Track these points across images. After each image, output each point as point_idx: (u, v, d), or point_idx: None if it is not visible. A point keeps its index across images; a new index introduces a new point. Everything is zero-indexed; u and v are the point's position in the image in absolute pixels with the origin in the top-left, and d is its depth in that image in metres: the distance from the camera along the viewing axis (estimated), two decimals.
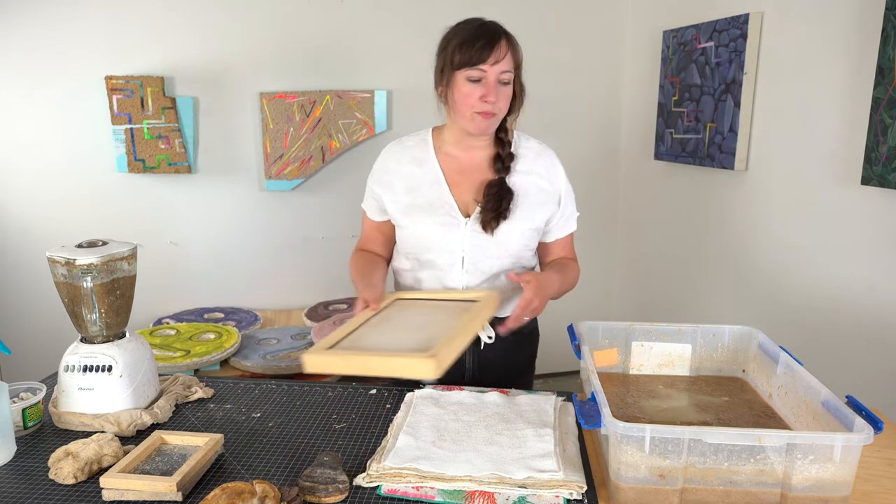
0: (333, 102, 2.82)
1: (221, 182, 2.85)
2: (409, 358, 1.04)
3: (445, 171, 1.44)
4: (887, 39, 1.67)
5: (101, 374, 1.23)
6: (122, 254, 1.24)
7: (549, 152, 1.50)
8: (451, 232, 1.40)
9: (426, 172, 1.44)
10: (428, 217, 1.41)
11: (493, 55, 1.32)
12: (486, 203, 1.39)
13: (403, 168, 1.46)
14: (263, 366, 2.25)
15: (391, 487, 1.02)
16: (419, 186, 1.43)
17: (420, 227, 1.41)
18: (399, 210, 1.44)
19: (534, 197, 1.43)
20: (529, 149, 1.48)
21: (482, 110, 1.34)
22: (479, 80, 1.33)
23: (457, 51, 1.34)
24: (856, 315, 1.90)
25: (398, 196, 1.44)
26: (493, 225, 1.38)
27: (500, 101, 1.35)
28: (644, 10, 2.97)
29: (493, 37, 1.33)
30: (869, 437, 0.91)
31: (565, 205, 1.49)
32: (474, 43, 1.32)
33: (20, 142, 2.62)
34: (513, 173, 1.43)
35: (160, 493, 0.99)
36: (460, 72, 1.34)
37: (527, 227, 1.42)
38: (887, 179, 1.70)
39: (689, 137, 2.57)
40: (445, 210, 1.41)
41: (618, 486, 0.97)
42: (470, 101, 1.34)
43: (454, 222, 1.40)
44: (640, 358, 1.39)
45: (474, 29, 1.35)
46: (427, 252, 1.42)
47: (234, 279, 2.94)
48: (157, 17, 2.65)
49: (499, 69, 1.33)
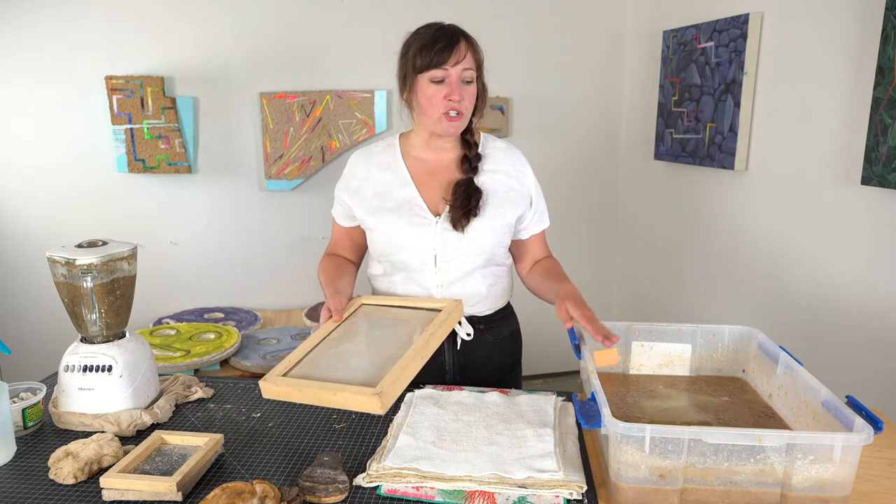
0: (333, 102, 2.82)
1: (221, 182, 2.85)
2: (356, 395, 1.05)
3: (413, 173, 1.46)
4: (887, 39, 1.67)
5: (101, 374, 1.23)
6: (122, 254, 1.24)
7: (516, 152, 1.52)
8: (422, 231, 1.41)
9: (394, 176, 1.46)
10: (397, 217, 1.42)
11: (454, 55, 1.35)
12: (455, 201, 1.40)
13: (372, 173, 1.48)
14: (263, 366, 2.25)
15: (391, 487, 1.02)
16: (388, 190, 1.45)
17: (390, 228, 1.42)
18: (368, 213, 1.45)
19: (503, 195, 1.45)
20: (496, 149, 1.50)
21: (447, 109, 1.37)
22: (443, 81, 1.36)
23: (418, 55, 1.37)
24: (856, 315, 1.90)
25: (367, 201, 1.46)
26: (463, 223, 1.39)
27: (464, 99, 1.38)
28: (644, 10, 2.97)
29: (452, 38, 1.36)
30: (869, 437, 0.91)
31: (536, 202, 1.50)
32: (434, 45, 1.35)
33: (20, 142, 2.62)
34: (481, 173, 1.45)
35: (160, 493, 0.99)
36: (423, 74, 1.37)
37: (498, 223, 1.43)
38: (887, 179, 1.70)
39: (689, 137, 2.57)
40: (415, 210, 1.42)
41: (618, 486, 0.97)
42: (435, 101, 1.37)
43: (424, 222, 1.41)
44: (640, 358, 1.39)
45: (433, 32, 1.39)
46: (398, 253, 1.43)
47: (234, 279, 2.94)
48: (157, 17, 2.65)
49: (460, 68, 1.36)
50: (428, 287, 1.44)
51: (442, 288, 1.44)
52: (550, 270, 1.49)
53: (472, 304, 1.46)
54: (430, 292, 1.44)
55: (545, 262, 1.53)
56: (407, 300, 1.43)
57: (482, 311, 1.48)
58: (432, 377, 1.44)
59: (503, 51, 2.95)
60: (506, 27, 2.96)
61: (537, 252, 1.55)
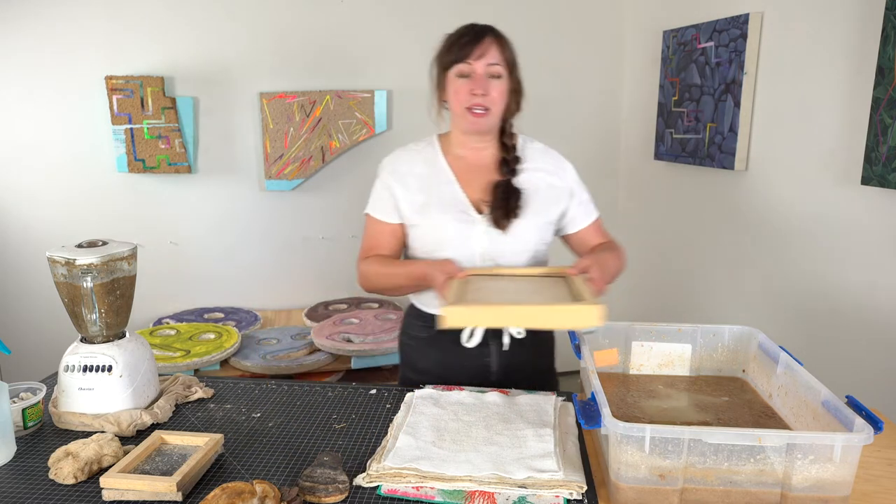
0: (333, 102, 2.82)
1: (221, 182, 2.85)
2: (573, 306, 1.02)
3: (455, 170, 1.46)
4: (887, 39, 1.67)
5: (101, 374, 1.23)
6: (122, 254, 1.24)
7: (553, 151, 1.54)
8: (467, 229, 1.41)
9: (437, 172, 1.46)
10: (443, 214, 1.42)
11: (478, 49, 1.36)
12: (495, 202, 1.41)
13: (415, 169, 1.47)
14: (263, 366, 2.25)
15: (391, 487, 1.02)
16: (431, 186, 1.45)
17: (436, 225, 1.42)
18: (414, 209, 1.44)
19: (545, 192, 1.46)
20: (535, 149, 1.51)
21: (472, 104, 1.37)
22: (468, 76, 1.37)
23: (445, 52, 1.40)
24: (856, 315, 1.90)
25: (412, 195, 1.45)
26: (504, 223, 1.40)
27: (490, 92, 1.37)
28: (644, 10, 2.97)
29: (477, 34, 1.38)
30: (869, 437, 0.91)
31: (579, 193, 1.51)
32: (459, 40, 1.38)
33: (20, 142, 2.62)
34: (520, 172, 1.45)
35: (160, 493, 0.99)
36: (450, 70, 1.39)
37: (541, 221, 1.44)
38: (887, 179, 1.70)
39: (689, 137, 2.57)
40: (460, 207, 1.42)
41: (618, 486, 0.97)
42: (460, 96, 1.38)
43: (469, 219, 1.41)
44: (640, 358, 1.38)
45: (462, 30, 1.41)
46: (444, 250, 1.42)
47: (234, 279, 2.94)
48: (157, 17, 2.65)
49: (485, 63, 1.36)
50: None
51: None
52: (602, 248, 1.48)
53: None
54: None
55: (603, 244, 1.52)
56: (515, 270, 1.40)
57: None
58: (477, 378, 1.44)
59: None
60: (506, 27, 2.95)
61: (590, 240, 1.54)
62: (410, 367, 1.57)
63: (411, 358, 1.57)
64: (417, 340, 1.53)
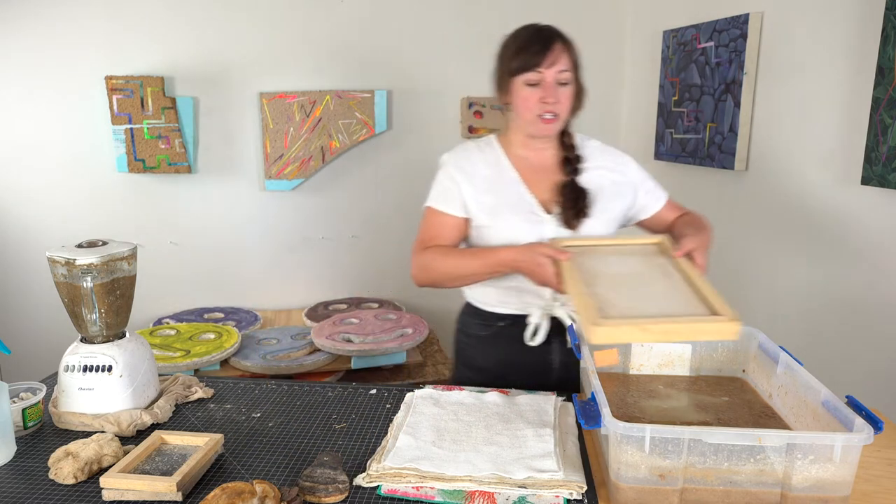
0: (333, 102, 2.82)
1: (221, 182, 2.85)
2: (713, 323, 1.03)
3: (520, 170, 1.46)
4: (887, 39, 1.67)
5: (101, 374, 1.23)
6: (122, 254, 1.24)
7: (611, 148, 1.55)
8: (537, 229, 1.41)
9: (501, 173, 1.46)
10: (514, 216, 1.42)
11: (549, 58, 1.35)
12: (565, 203, 1.42)
13: (479, 169, 1.46)
14: (263, 366, 2.25)
15: (391, 487, 1.02)
16: (497, 187, 1.44)
17: (508, 227, 1.42)
18: (483, 210, 1.43)
19: (608, 189, 1.47)
20: (593, 147, 1.52)
21: (542, 112, 1.37)
22: (538, 84, 1.37)
23: (513, 57, 1.39)
24: (856, 315, 1.90)
25: (481, 195, 1.44)
26: (575, 223, 1.41)
27: (560, 100, 1.38)
28: (644, 10, 2.97)
29: (547, 40, 1.37)
30: (869, 437, 0.91)
31: (644, 183, 1.52)
32: (529, 48, 1.37)
33: (20, 142, 2.62)
34: (583, 171, 1.46)
35: (160, 493, 0.99)
36: (518, 77, 1.38)
37: (608, 218, 1.46)
38: (887, 179, 1.70)
39: (689, 137, 2.57)
40: (529, 208, 1.43)
41: (618, 486, 0.97)
42: (530, 104, 1.38)
43: (538, 220, 1.42)
44: (640, 358, 1.38)
45: (529, 34, 1.40)
46: None
47: (234, 279, 2.94)
48: (157, 17, 2.65)
49: (555, 71, 1.36)
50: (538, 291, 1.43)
51: None
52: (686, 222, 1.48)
53: None
54: (542, 290, 1.42)
55: (683, 217, 1.53)
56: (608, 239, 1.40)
57: None
58: (537, 376, 1.44)
59: None
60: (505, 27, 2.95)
61: (669, 216, 1.55)
62: (467, 366, 1.57)
63: (469, 356, 1.57)
64: (476, 339, 1.54)
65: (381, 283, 3.10)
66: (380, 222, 3.03)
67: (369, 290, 3.09)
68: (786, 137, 2.13)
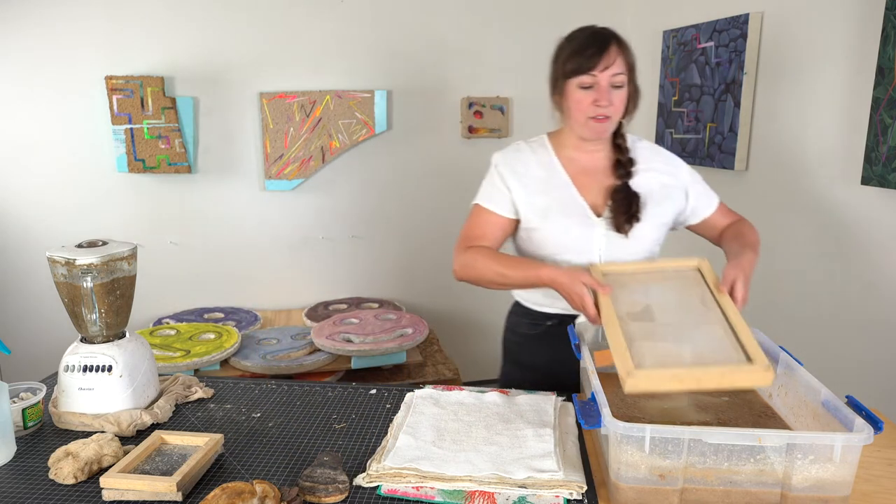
0: (333, 102, 2.82)
1: (221, 182, 2.85)
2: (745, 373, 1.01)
3: (570, 172, 1.46)
4: (887, 39, 1.67)
5: (101, 374, 1.23)
6: (122, 254, 1.24)
7: (662, 149, 1.54)
8: (588, 232, 1.42)
9: (552, 175, 1.46)
10: (565, 218, 1.42)
11: (603, 61, 1.35)
12: (616, 207, 1.41)
13: (531, 170, 1.47)
14: (263, 366, 2.25)
15: (391, 487, 1.02)
16: (548, 189, 1.45)
17: (559, 229, 1.42)
18: (534, 212, 1.44)
19: (659, 193, 1.46)
20: (644, 148, 1.51)
21: (595, 115, 1.37)
22: (591, 87, 1.37)
23: (568, 60, 1.38)
24: (856, 315, 1.90)
25: (532, 197, 1.44)
26: (626, 228, 1.40)
27: (613, 103, 1.38)
28: (644, 10, 2.97)
29: (602, 43, 1.36)
30: (869, 437, 0.91)
31: (695, 185, 1.51)
32: (584, 51, 1.36)
33: (20, 142, 2.62)
34: (635, 174, 1.46)
35: (160, 493, 0.99)
36: (572, 80, 1.38)
37: (658, 222, 1.45)
38: (887, 179, 1.70)
39: (689, 137, 2.57)
40: (579, 211, 1.43)
41: (618, 486, 0.97)
42: (582, 107, 1.38)
43: (589, 222, 1.42)
44: None
45: (585, 37, 1.39)
46: (564, 253, 1.42)
47: (234, 279, 2.94)
48: (157, 17, 2.65)
49: (609, 74, 1.36)
50: None
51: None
52: (735, 235, 1.47)
53: None
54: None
55: (732, 227, 1.50)
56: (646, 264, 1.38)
57: None
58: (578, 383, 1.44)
59: (503, 51, 2.95)
60: (506, 27, 2.96)
61: (718, 223, 1.54)
62: (516, 364, 1.58)
63: (517, 355, 1.58)
64: (525, 338, 1.54)
65: (381, 283, 3.10)
66: (380, 222, 3.03)
67: (369, 290, 3.09)
68: (786, 137, 2.13)
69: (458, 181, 3.10)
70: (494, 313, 3.24)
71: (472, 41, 2.92)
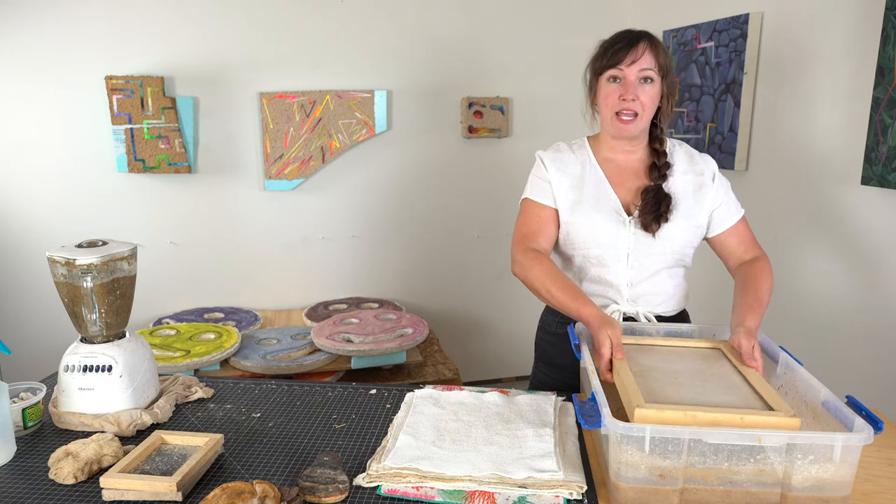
0: (333, 102, 2.82)
1: (221, 182, 2.85)
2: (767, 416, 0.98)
3: (606, 171, 1.48)
4: (887, 39, 1.67)
5: (101, 374, 1.23)
6: (122, 254, 1.24)
7: (697, 152, 1.54)
8: (617, 228, 1.43)
9: (588, 172, 1.49)
10: (596, 213, 1.44)
11: (630, 55, 1.37)
12: (645, 207, 1.42)
13: (570, 167, 1.50)
14: (263, 366, 2.25)
15: (391, 487, 1.02)
16: (583, 185, 1.47)
17: (589, 223, 1.44)
18: (567, 205, 1.46)
19: (693, 195, 1.47)
20: (682, 152, 1.52)
21: (621, 109, 1.39)
22: (619, 80, 1.39)
23: (599, 58, 1.42)
24: (856, 315, 1.90)
25: (567, 192, 1.47)
26: (654, 227, 1.41)
27: (640, 97, 1.38)
28: (644, 10, 2.97)
29: (632, 40, 1.38)
30: (869, 437, 0.91)
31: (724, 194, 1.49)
32: (613, 47, 1.39)
33: (20, 142, 2.62)
34: (669, 176, 1.46)
35: (160, 493, 0.99)
36: (602, 76, 1.41)
37: (690, 224, 1.45)
38: (887, 179, 1.70)
39: (689, 137, 2.57)
40: (611, 207, 1.44)
41: (618, 486, 0.97)
42: (610, 101, 1.40)
43: (620, 220, 1.43)
44: None
45: (618, 36, 1.42)
46: (594, 247, 1.44)
47: (234, 279, 2.94)
48: (157, 17, 2.65)
49: (636, 68, 1.37)
50: (618, 284, 1.45)
51: (630, 286, 1.45)
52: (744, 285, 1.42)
53: (658, 303, 1.48)
54: (619, 289, 1.45)
55: (744, 270, 1.46)
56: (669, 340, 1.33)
57: (666, 312, 1.49)
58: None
59: (503, 51, 2.95)
60: (506, 27, 2.96)
61: (733, 247, 1.50)
62: (547, 363, 1.60)
63: (548, 354, 1.59)
64: (556, 337, 1.55)
65: (381, 283, 3.10)
66: (380, 222, 3.03)
67: (369, 290, 3.09)
68: (786, 137, 2.13)
69: (458, 181, 3.11)
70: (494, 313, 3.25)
71: (472, 41, 2.92)
